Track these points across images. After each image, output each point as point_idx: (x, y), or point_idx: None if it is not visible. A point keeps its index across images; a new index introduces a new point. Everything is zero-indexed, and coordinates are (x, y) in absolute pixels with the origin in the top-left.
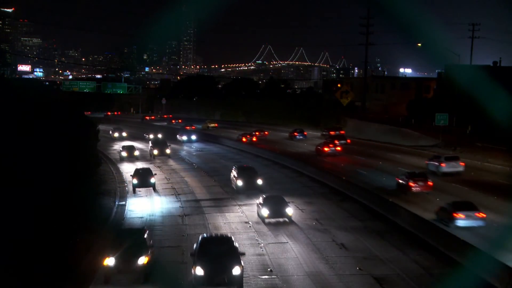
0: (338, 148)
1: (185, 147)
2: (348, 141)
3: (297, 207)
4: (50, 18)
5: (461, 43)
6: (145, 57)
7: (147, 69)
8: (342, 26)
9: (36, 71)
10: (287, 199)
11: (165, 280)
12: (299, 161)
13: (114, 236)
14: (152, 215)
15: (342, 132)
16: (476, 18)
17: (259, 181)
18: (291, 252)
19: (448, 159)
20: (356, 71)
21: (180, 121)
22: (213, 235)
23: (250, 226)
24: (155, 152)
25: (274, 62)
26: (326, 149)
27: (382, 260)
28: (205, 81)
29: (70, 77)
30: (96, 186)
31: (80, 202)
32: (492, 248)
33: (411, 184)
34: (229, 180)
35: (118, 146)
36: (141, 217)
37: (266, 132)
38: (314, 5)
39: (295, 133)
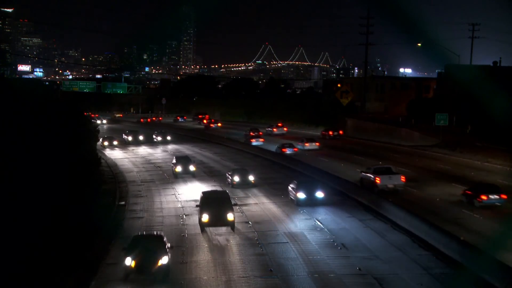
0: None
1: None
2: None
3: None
4: (50, 18)
5: (461, 43)
6: (145, 57)
7: (147, 69)
8: (342, 26)
9: (36, 71)
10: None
11: (165, 280)
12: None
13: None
14: (152, 215)
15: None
16: (476, 18)
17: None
18: (291, 252)
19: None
20: (356, 71)
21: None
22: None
23: (250, 226)
24: (178, 169)
25: (274, 62)
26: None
27: (382, 260)
28: (205, 81)
29: (70, 77)
30: (97, 186)
31: (80, 202)
32: (492, 248)
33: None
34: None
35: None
36: (141, 217)
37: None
38: (314, 5)
39: (251, 133)
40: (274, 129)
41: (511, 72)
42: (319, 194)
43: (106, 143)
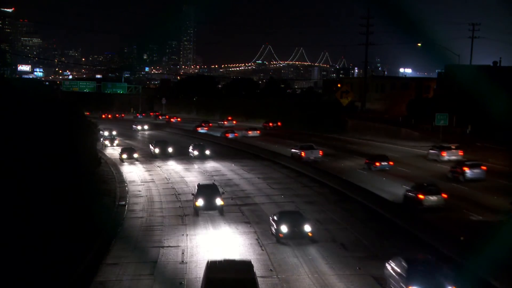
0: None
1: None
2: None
3: (297, 207)
4: (50, 18)
5: (461, 43)
6: (145, 57)
7: (147, 69)
8: (342, 26)
9: (36, 71)
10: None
11: (165, 280)
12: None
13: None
14: (152, 215)
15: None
16: (476, 18)
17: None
18: (291, 252)
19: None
20: (356, 71)
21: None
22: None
23: (250, 226)
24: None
25: (274, 62)
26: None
27: (382, 260)
28: (205, 81)
29: (70, 77)
30: (97, 186)
31: (80, 202)
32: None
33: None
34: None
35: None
36: (141, 217)
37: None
38: (314, 5)
39: (199, 128)
40: (225, 122)
41: (511, 72)
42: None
43: (124, 156)
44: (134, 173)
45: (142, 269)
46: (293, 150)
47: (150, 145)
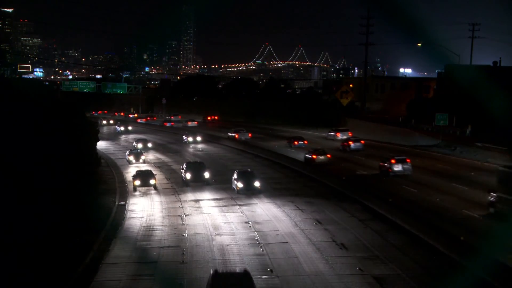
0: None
1: None
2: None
3: (297, 207)
4: (50, 18)
5: (461, 43)
6: (145, 57)
7: (147, 69)
8: (342, 26)
9: (36, 71)
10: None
11: (165, 280)
12: None
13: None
14: (152, 215)
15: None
16: (476, 18)
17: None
18: (291, 252)
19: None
20: (356, 71)
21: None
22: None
23: (250, 226)
24: None
25: (274, 62)
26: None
27: (382, 260)
28: (205, 81)
29: (70, 77)
30: (97, 186)
31: (80, 202)
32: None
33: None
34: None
35: None
36: (141, 217)
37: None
38: (314, 5)
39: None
40: (172, 117)
41: (511, 72)
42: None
43: (137, 183)
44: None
45: (142, 269)
46: (229, 134)
47: (181, 167)
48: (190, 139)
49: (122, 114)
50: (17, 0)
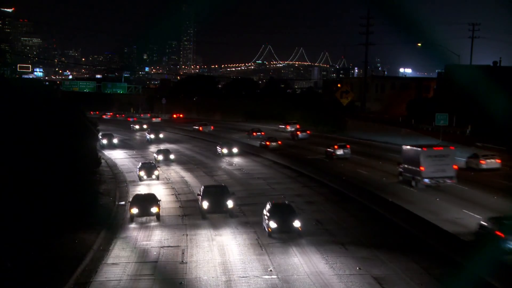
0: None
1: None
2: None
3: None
4: (50, 18)
5: (461, 43)
6: (145, 57)
7: (147, 69)
8: (342, 26)
9: (36, 71)
10: None
11: (165, 280)
12: None
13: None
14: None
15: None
16: (476, 18)
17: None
18: (291, 252)
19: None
20: (356, 71)
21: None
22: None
23: (250, 226)
24: None
25: (274, 62)
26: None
27: (382, 260)
28: (205, 81)
29: (70, 77)
30: (96, 186)
31: (80, 202)
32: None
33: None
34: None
35: None
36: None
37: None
38: (314, 5)
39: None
40: (142, 115)
41: (511, 72)
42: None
43: (134, 211)
44: (134, 173)
45: (142, 269)
46: (194, 127)
47: (197, 193)
48: (225, 150)
49: (123, 115)
50: (17, 0)
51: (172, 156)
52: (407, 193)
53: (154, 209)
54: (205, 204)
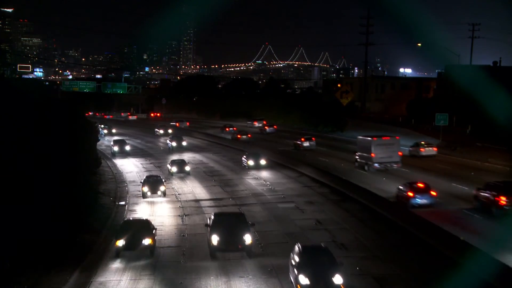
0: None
1: None
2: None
3: (298, 207)
4: (50, 18)
5: (461, 43)
6: (145, 57)
7: (147, 69)
8: (342, 26)
9: (36, 71)
10: None
11: (165, 280)
12: None
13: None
14: (152, 215)
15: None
16: (476, 18)
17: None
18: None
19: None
20: (356, 71)
21: None
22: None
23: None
24: None
25: (274, 62)
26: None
27: (382, 260)
28: (205, 81)
29: (70, 77)
30: (97, 186)
31: (80, 202)
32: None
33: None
34: (229, 181)
35: None
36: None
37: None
38: (314, 5)
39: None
40: (122, 113)
41: (511, 72)
42: None
43: (120, 243)
44: (134, 173)
45: (142, 269)
46: (171, 123)
47: (207, 223)
48: (251, 162)
49: (129, 114)
50: (17, 0)
51: (187, 168)
52: (361, 175)
53: (146, 241)
54: (214, 239)
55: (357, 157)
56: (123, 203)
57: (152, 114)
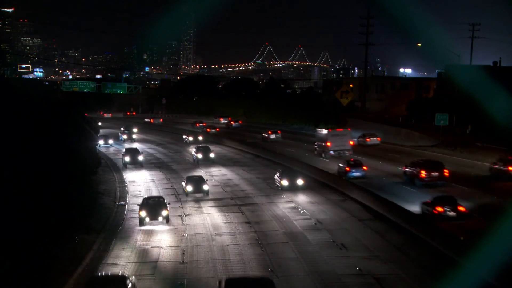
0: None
1: None
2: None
3: (298, 207)
4: (50, 18)
5: (461, 43)
6: (145, 57)
7: (147, 69)
8: (342, 26)
9: (36, 71)
10: None
11: (165, 280)
12: None
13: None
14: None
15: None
16: (476, 18)
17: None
18: (291, 252)
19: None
20: (356, 71)
21: None
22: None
23: (250, 226)
24: None
25: (274, 62)
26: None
27: (382, 260)
28: (205, 81)
29: (70, 77)
30: (97, 186)
31: (80, 202)
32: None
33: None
34: (228, 181)
35: None
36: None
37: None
38: (314, 5)
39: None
40: (101, 112)
41: (511, 72)
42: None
43: None
44: (134, 172)
45: (142, 269)
46: (145, 119)
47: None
48: (285, 182)
49: (134, 113)
50: (17, 0)
51: (206, 187)
52: (320, 161)
53: (164, 212)
54: None
55: (316, 146)
56: (123, 203)
57: (128, 113)
